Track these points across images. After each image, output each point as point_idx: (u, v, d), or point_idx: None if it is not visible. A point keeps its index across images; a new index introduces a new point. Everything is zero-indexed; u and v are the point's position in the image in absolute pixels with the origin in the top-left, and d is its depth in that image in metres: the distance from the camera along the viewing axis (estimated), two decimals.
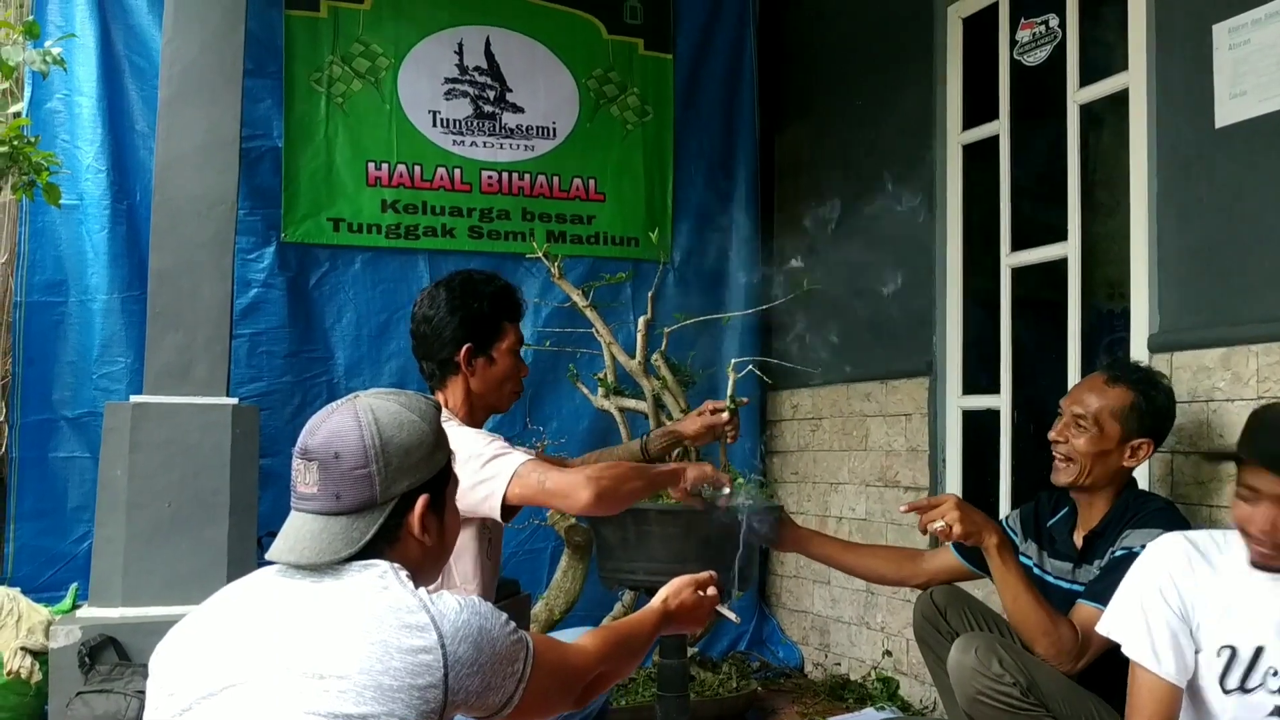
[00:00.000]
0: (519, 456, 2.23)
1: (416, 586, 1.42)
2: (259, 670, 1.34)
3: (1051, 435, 2.54)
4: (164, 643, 1.46)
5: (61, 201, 3.51)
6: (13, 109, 3.94)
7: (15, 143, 3.24)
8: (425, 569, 1.53)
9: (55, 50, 3.21)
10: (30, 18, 3.89)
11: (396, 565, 1.43)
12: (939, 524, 2.45)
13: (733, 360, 2.88)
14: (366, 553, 1.43)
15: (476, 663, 1.37)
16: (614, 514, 2.36)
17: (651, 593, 2.60)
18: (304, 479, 1.44)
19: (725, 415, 2.68)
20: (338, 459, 1.42)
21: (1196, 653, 1.93)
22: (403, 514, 1.47)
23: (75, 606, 3.52)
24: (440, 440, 1.53)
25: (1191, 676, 1.94)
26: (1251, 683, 1.88)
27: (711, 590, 1.96)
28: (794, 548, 3.00)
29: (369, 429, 1.44)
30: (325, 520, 1.42)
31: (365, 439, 1.43)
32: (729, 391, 2.74)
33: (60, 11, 4.16)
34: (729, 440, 2.74)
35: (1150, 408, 2.47)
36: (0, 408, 4.13)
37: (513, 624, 1.45)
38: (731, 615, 2.13)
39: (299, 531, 1.43)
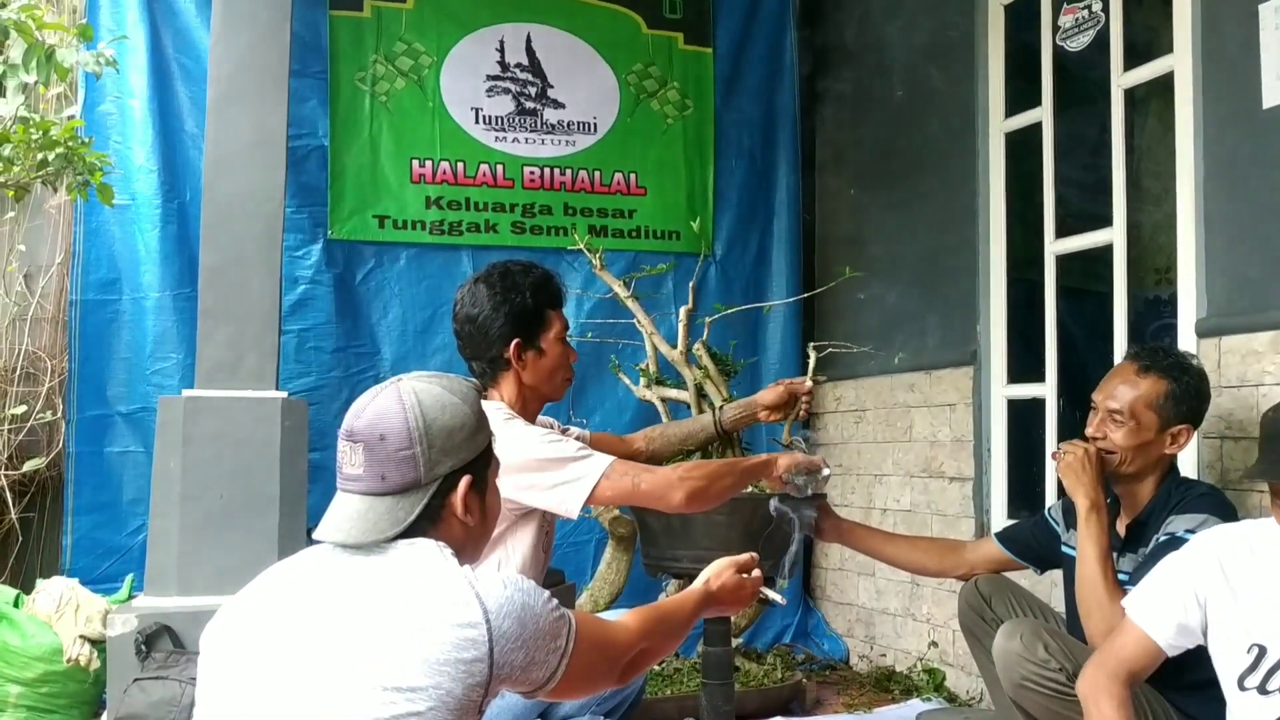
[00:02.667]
0: (604, 457, 2.26)
1: (460, 565, 1.45)
2: (312, 645, 1.38)
3: (1089, 432, 2.50)
4: (215, 620, 1.50)
5: (114, 201, 3.58)
6: (67, 112, 4.04)
7: (70, 144, 3.31)
8: (468, 549, 1.56)
9: (108, 52, 3.27)
10: (83, 21, 3.98)
11: (442, 544, 1.47)
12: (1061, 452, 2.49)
13: (811, 343, 3.02)
14: (411, 532, 1.46)
15: (520, 638, 1.40)
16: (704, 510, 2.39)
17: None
18: (350, 460, 1.48)
19: (808, 384, 2.76)
20: (383, 440, 1.45)
21: (1205, 642, 1.93)
22: (446, 495, 1.50)
23: (131, 596, 3.60)
24: (481, 422, 1.56)
25: (1215, 669, 1.93)
26: (1272, 684, 1.84)
27: (755, 572, 1.97)
28: (835, 538, 3.00)
29: (413, 411, 1.47)
30: (371, 500, 1.46)
31: (409, 421, 1.46)
32: (810, 367, 2.89)
33: (112, 15, 4.25)
34: (802, 414, 2.79)
35: (1185, 393, 2.42)
36: (58, 404, 4.23)
37: (554, 601, 1.48)
38: (776, 596, 2.14)
39: (345, 512, 1.46)
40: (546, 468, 2.23)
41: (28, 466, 4.06)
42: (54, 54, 3.11)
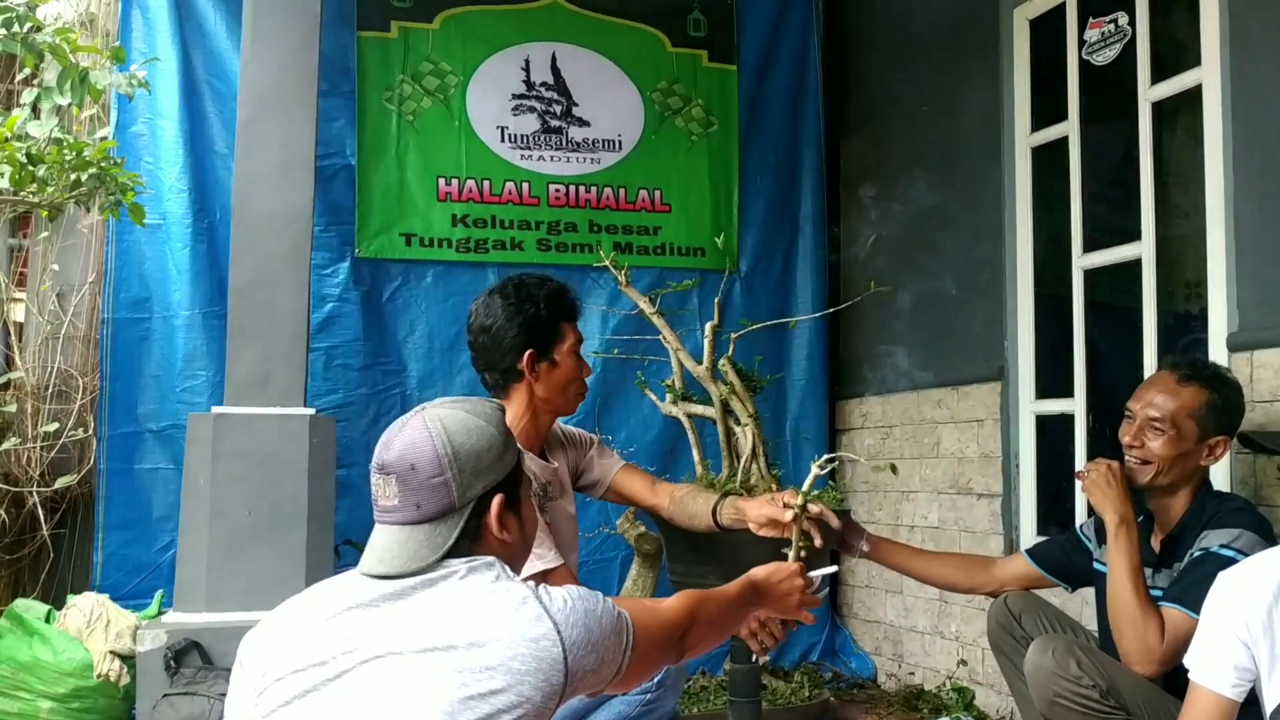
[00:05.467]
0: (547, 561, 2.23)
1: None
2: (387, 649, 1.40)
3: (1126, 440, 2.47)
4: (256, 632, 1.52)
5: (145, 221, 3.63)
6: (100, 133, 4.10)
7: (102, 165, 3.37)
8: (510, 565, 1.58)
9: (140, 74, 3.32)
10: (116, 44, 4.05)
11: (501, 561, 1.51)
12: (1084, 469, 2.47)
13: (822, 456, 2.28)
14: (452, 556, 1.50)
15: (589, 643, 1.45)
16: None
17: None
18: (384, 493, 1.51)
19: (789, 515, 2.26)
20: (414, 470, 1.49)
21: (1256, 679, 1.87)
22: (481, 515, 1.54)
23: (161, 612, 3.62)
24: (508, 441, 1.60)
25: (1263, 701, 1.88)
26: None
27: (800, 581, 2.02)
28: (863, 553, 2.98)
29: (440, 439, 1.51)
30: (409, 530, 1.49)
31: (438, 449, 1.50)
32: (805, 487, 2.24)
33: (144, 38, 4.32)
34: (814, 545, 2.30)
35: (1225, 404, 2.41)
36: (89, 422, 4.27)
37: (609, 600, 1.53)
38: (831, 569, 2.16)
39: (385, 543, 1.50)
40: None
41: (60, 483, 4.11)
42: (87, 76, 3.17)
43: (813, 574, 2.07)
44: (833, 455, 2.38)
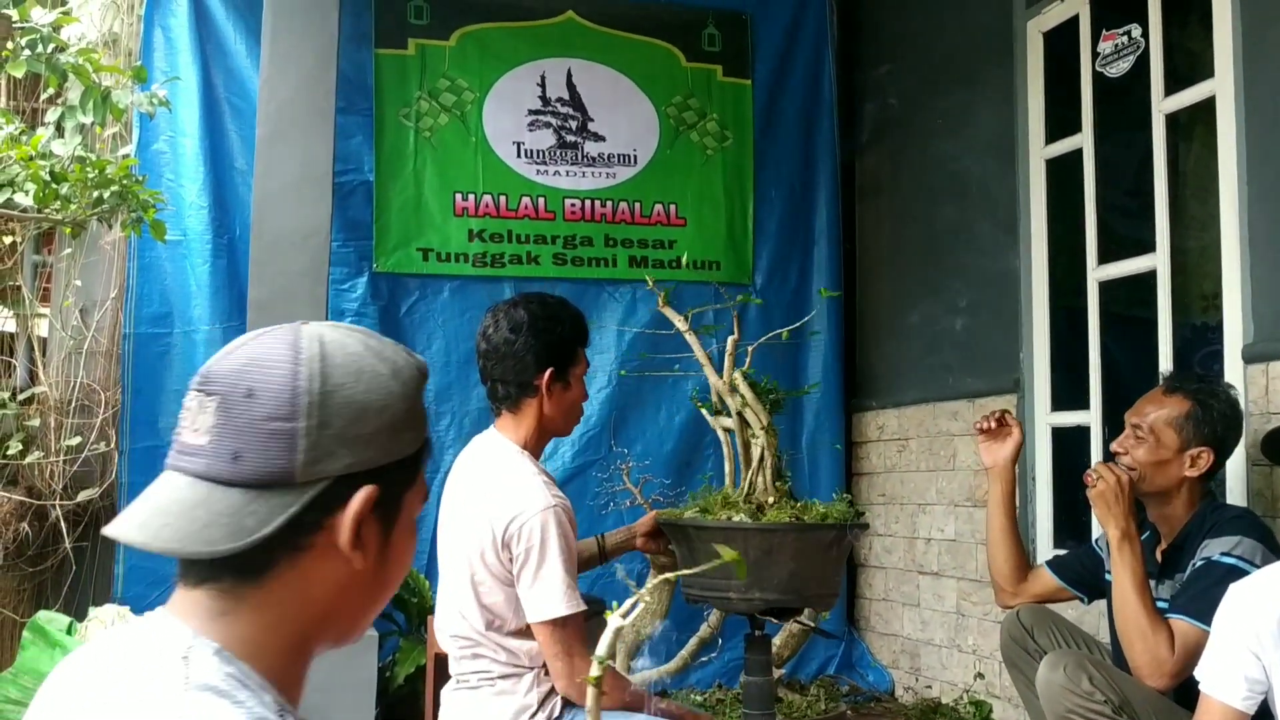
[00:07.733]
0: (576, 605, 2.20)
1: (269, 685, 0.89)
2: None
3: (1113, 447, 2.53)
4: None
5: (166, 237, 3.68)
6: (122, 151, 4.16)
7: (124, 182, 3.41)
8: (343, 616, 0.96)
9: (161, 92, 3.37)
10: (138, 63, 4.10)
11: (214, 654, 0.88)
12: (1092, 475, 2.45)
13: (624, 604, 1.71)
14: (256, 560, 0.89)
15: None
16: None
17: (738, 611, 2.62)
18: (194, 422, 0.92)
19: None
20: (250, 398, 0.90)
21: (1268, 690, 1.86)
22: (330, 508, 0.91)
23: None
24: (414, 416, 0.98)
25: (1276, 713, 1.88)
26: None
27: None
28: (991, 465, 2.94)
29: (310, 366, 0.91)
30: (209, 489, 0.89)
31: (299, 378, 0.91)
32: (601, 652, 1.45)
33: (165, 57, 4.38)
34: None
35: (1208, 416, 2.42)
36: (111, 436, 4.32)
37: None
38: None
39: (165, 498, 0.90)
40: (544, 561, 2.20)
41: (82, 496, 4.15)
42: (110, 95, 3.22)
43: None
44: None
